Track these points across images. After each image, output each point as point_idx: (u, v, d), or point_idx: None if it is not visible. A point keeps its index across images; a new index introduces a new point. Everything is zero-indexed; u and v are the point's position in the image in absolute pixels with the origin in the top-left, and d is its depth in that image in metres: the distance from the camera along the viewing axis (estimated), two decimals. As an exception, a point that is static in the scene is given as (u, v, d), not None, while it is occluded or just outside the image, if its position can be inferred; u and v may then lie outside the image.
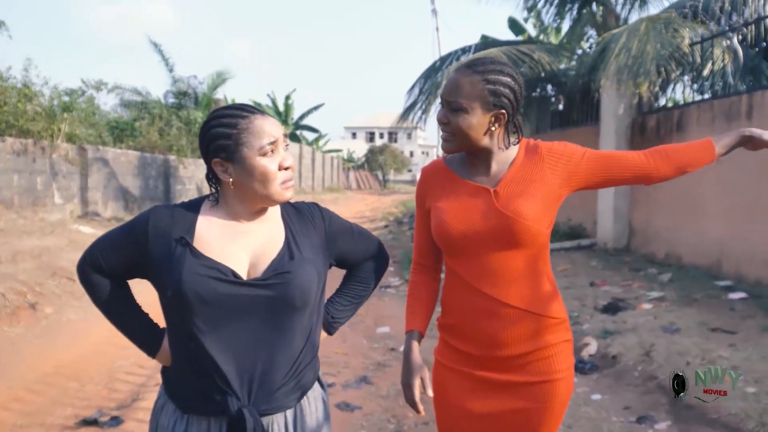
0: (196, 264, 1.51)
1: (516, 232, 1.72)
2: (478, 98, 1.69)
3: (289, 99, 37.95)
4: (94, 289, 1.64)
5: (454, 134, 1.75)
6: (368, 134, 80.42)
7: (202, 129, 1.56)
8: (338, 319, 1.84)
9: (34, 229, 9.88)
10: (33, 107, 11.08)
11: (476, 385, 1.83)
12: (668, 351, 4.47)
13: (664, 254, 8.47)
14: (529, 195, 1.74)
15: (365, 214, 23.96)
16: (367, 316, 6.88)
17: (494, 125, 1.74)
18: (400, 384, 1.81)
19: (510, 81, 1.72)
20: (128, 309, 1.68)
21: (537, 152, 1.81)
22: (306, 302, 1.57)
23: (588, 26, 11.64)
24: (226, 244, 1.57)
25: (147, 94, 20.15)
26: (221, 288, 1.50)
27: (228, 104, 1.59)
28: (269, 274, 1.55)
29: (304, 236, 1.65)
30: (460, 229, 1.76)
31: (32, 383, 4.72)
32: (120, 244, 1.60)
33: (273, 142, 1.53)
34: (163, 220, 1.57)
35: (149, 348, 1.67)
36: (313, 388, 1.68)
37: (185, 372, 1.57)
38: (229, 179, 1.54)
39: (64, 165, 11.70)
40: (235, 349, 1.53)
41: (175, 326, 1.58)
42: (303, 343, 1.61)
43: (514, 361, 1.79)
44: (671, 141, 8.35)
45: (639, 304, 6.06)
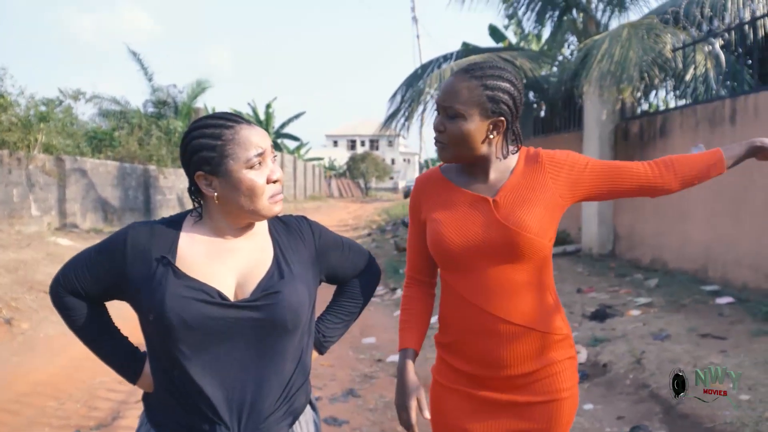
0: (179, 285, 1.41)
1: (518, 245, 1.64)
2: (476, 104, 1.61)
3: (269, 107, 37.87)
4: (69, 313, 1.54)
5: (450, 142, 1.66)
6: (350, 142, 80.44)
7: (183, 140, 1.46)
8: (329, 338, 1.74)
9: (10, 242, 9.65)
10: (8, 117, 10.86)
11: (477, 406, 1.73)
12: (659, 358, 4.42)
13: (649, 259, 8.47)
14: (531, 205, 1.66)
15: (348, 222, 23.87)
16: (353, 327, 6.75)
17: (492, 133, 1.65)
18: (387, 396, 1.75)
19: (509, 87, 1.64)
20: (106, 333, 1.58)
21: (538, 160, 1.73)
22: (297, 323, 1.48)
23: (569, 33, 11.69)
24: (211, 264, 1.47)
25: (126, 103, 19.97)
26: (207, 311, 1.41)
27: (211, 113, 1.49)
28: (258, 294, 1.45)
29: (294, 252, 1.56)
30: (459, 242, 1.67)
31: (7, 403, 4.57)
32: (96, 266, 1.49)
33: (260, 153, 1.44)
34: (142, 238, 1.47)
35: (129, 375, 1.57)
36: (305, 412, 1.60)
37: (169, 400, 1.47)
38: (214, 193, 1.44)
39: (41, 176, 11.48)
40: (222, 376, 1.43)
41: (157, 351, 1.48)
42: (294, 366, 1.53)
43: (516, 381, 1.70)
44: (655, 146, 8.38)
45: (627, 311, 6.03)
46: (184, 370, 1.42)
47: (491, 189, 1.71)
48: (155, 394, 1.52)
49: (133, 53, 20.02)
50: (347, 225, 22.18)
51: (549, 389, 1.70)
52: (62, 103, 15.84)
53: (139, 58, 19.94)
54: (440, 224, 1.70)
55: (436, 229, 1.71)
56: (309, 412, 1.62)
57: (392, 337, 6.33)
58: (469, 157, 1.68)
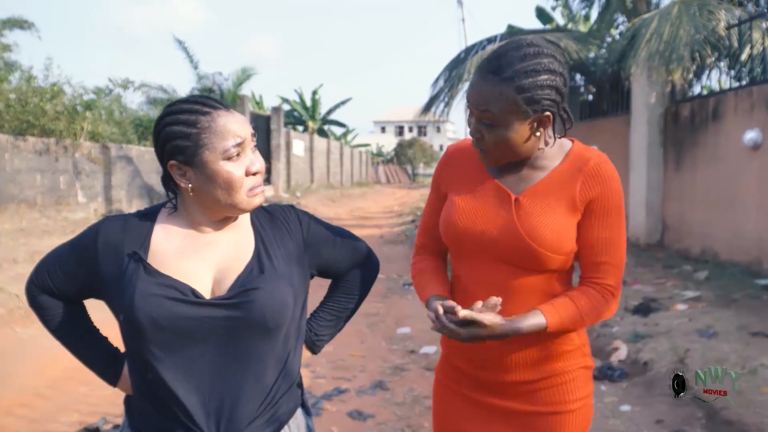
0: (150, 283, 1.31)
1: (528, 257, 1.48)
2: (513, 111, 1.41)
3: (316, 94, 37.93)
4: (44, 313, 1.46)
5: (489, 150, 1.49)
6: (397, 128, 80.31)
7: (156, 125, 1.34)
8: (322, 337, 1.62)
9: (57, 228, 9.89)
10: (54, 106, 11.10)
11: (478, 410, 1.61)
12: (704, 358, 4.16)
13: (699, 250, 8.08)
14: (554, 217, 1.48)
15: (393, 208, 23.81)
16: (388, 316, 6.69)
17: (538, 130, 1.47)
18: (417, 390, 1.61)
19: (548, 78, 1.41)
20: (84, 334, 1.49)
21: (580, 166, 1.52)
22: (280, 323, 1.36)
23: (618, 12, 11.22)
24: (186, 259, 1.36)
25: (173, 91, 20.22)
26: (179, 310, 1.30)
27: (188, 96, 1.38)
28: (235, 291, 1.34)
29: (278, 246, 1.43)
30: (469, 234, 1.53)
31: (41, 388, 4.63)
32: (68, 263, 1.41)
33: (239, 143, 1.32)
34: (114, 233, 1.37)
35: (108, 377, 1.49)
36: (295, 416, 1.48)
37: (146, 404, 1.38)
38: (188, 185, 1.33)
39: (87, 164, 11.71)
40: (198, 380, 1.33)
41: (131, 353, 1.38)
42: (279, 370, 1.40)
43: (520, 388, 1.56)
44: (706, 131, 7.97)
45: (673, 305, 5.74)
46: (157, 374, 1.32)
47: (520, 184, 1.53)
48: (134, 398, 1.43)
49: (178, 42, 20.25)
50: (392, 211, 22.13)
51: (555, 400, 1.55)
52: (112, 92, 16.19)
53: (185, 46, 20.14)
54: (455, 209, 1.56)
55: (449, 213, 1.57)
56: (300, 417, 1.51)
57: (428, 328, 6.16)
58: (513, 159, 1.51)
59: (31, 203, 10.15)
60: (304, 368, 4.83)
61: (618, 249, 1.52)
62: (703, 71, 9.51)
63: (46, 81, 11.86)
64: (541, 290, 1.52)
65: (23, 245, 8.20)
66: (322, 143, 30.57)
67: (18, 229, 9.30)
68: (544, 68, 1.41)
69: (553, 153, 1.55)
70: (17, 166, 9.86)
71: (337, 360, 5.04)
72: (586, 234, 1.51)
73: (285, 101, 36.66)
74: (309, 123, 37.51)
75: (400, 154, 55.59)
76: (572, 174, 1.51)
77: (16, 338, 5.60)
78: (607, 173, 1.51)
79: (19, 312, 6.01)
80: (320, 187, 27.52)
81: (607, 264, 1.51)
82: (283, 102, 36.20)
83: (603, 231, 1.50)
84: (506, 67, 1.41)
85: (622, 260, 1.53)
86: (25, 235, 8.92)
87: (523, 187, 1.53)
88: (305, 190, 24.32)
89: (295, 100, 37.74)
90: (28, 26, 16.12)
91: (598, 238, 1.50)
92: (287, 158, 23.62)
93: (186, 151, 1.31)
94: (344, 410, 4.04)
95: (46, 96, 11.03)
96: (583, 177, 1.50)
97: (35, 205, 10.26)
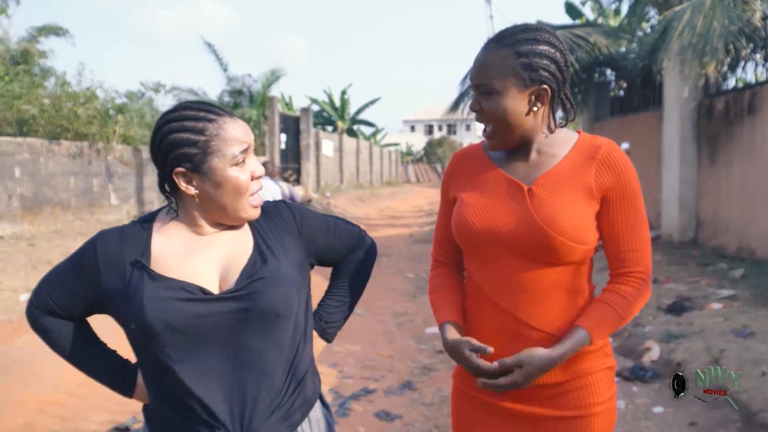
0: (156, 288, 1.31)
1: (547, 247, 1.43)
2: (511, 75, 1.42)
3: (345, 94, 38.02)
4: (48, 335, 1.45)
5: (490, 122, 1.47)
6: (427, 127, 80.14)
7: (157, 132, 1.34)
8: (332, 323, 1.64)
9: (90, 230, 10.07)
10: (86, 111, 11.32)
11: (499, 416, 1.56)
12: (740, 359, 4.04)
13: (735, 248, 7.88)
14: (571, 203, 1.44)
15: (423, 207, 23.77)
16: (417, 316, 6.67)
17: (536, 104, 1.45)
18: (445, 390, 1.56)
19: (548, 50, 1.43)
20: (92, 350, 1.48)
21: (592, 153, 1.49)
22: (289, 309, 1.38)
23: (648, 6, 11.00)
24: (189, 260, 1.36)
25: (203, 94, 20.50)
26: (190, 308, 1.31)
27: (189, 102, 1.39)
28: (243, 282, 1.35)
29: (275, 238, 1.45)
30: (482, 230, 1.49)
31: (74, 387, 4.71)
32: (69, 282, 1.40)
33: (245, 150, 1.35)
34: (112, 245, 1.37)
35: (123, 389, 1.49)
36: (314, 408, 1.49)
37: (165, 409, 1.38)
38: (194, 192, 1.34)
39: (119, 166, 11.92)
40: (216, 377, 1.33)
41: (145, 361, 1.38)
42: (289, 363, 1.41)
43: (542, 392, 1.51)
44: (742, 125, 7.77)
45: (707, 304, 5.60)
46: (175, 376, 1.32)
47: (530, 173, 1.50)
48: (152, 405, 1.44)
49: (208, 44, 20.52)
50: (422, 210, 22.09)
51: (579, 403, 1.50)
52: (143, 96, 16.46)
53: (214, 49, 20.41)
54: (466, 206, 1.52)
55: (461, 211, 1.53)
56: (319, 410, 1.52)
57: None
58: (518, 135, 1.48)
59: (65, 206, 10.37)
60: (331, 368, 4.87)
61: (641, 232, 1.50)
62: (738, 63, 9.25)
63: (80, 86, 12.11)
64: (559, 285, 1.48)
65: (57, 247, 8.37)
66: (351, 143, 30.64)
67: (53, 231, 9.50)
68: (544, 40, 1.44)
69: (559, 141, 1.52)
70: (52, 170, 10.08)
71: (365, 360, 5.04)
72: (609, 227, 1.49)
73: (314, 102, 36.83)
74: (338, 123, 37.62)
75: (430, 153, 55.51)
76: (584, 161, 1.48)
77: (50, 338, 5.71)
78: (620, 159, 1.49)
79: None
80: (350, 187, 27.59)
81: (633, 251, 1.49)
82: (312, 102, 36.36)
83: (624, 220, 1.48)
84: (507, 36, 1.45)
85: (647, 243, 1.51)
86: (59, 237, 9.11)
87: (534, 176, 1.49)
88: (335, 190, 24.40)
89: (324, 101, 37.89)
90: (63, 33, 16.50)
91: (621, 228, 1.48)
92: (317, 158, 23.73)
93: (194, 159, 1.31)
94: (372, 410, 4.03)
95: (80, 100, 11.26)
96: (596, 165, 1.47)
97: (69, 207, 10.48)
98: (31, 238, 8.75)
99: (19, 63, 13.85)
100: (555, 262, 1.46)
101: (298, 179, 20.96)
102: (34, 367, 4.99)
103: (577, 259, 1.47)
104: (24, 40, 15.64)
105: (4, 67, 10.94)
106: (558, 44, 1.45)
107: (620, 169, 1.48)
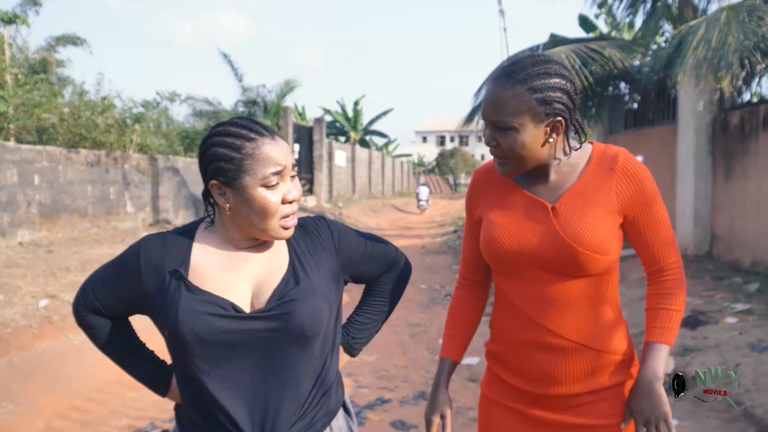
0: (192, 300, 1.37)
1: (574, 261, 1.48)
2: (527, 112, 1.44)
3: (357, 105, 38.18)
4: (93, 332, 1.53)
5: (507, 157, 1.51)
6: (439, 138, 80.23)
7: (203, 144, 1.40)
8: (359, 340, 1.68)
9: (106, 237, 10.18)
10: (105, 120, 11.46)
11: (526, 424, 1.60)
12: (756, 372, 4.04)
13: (750, 262, 7.85)
14: (594, 217, 1.49)
15: (435, 218, 23.76)
16: (431, 326, 6.69)
17: (551, 136, 1.49)
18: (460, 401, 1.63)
19: (560, 82, 1.46)
20: (131, 349, 1.56)
21: (613, 167, 1.54)
22: (317, 331, 1.41)
23: (663, 19, 11.01)
24: (224, 275, 1.42)
25: (218, 104, 20.63)
26: (221, 324, 1.36)
27: (236, 119, 1.44)
28: (273, 304, 1.39)
29: (312, 257, 1.49)
30: (511, 248, 1.53)
31: (93, 392, 4.77)
32: (112, 283, 1.47)
33: (279, 172, 1.37)
34: (155, 252, 1.43)
35: (158, 388, 1.55)
36: (337, 417, 1.53)
37: (193, 413, 1.44)
38: (226, 204, 1.39)
39: (135, 175, 12.04)
40: (242, 389, 1.39)
41: (177, 365, 1.45)
42: (316, 376, 1.46)
43: (569, 401, 1.55)
44: (758, 139, 7.76)
45: (722, 318, 5.58)
46: (203, 385, 1.38)
47: (552, 193, 1.55)
48: (183, 407, 1.50)
49: (224, 55, 20.68)
50: (434, 222, 22.09)
51: (605, 413, 1.54)
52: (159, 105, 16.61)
53: (230, 59, 20.56)
54: (494, 226, 1.57)
55: (490, 232, 1.58)
56: (342, 418, 1.56)
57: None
58: (532, 165, 1.53)
59: (82, 213, 10.49)
60: (347, 377, 4.91)
61: (666, 229, 1.57)
62: (753, 78, 9.25)
63: (98, 95, 12.26)
64: (586, 296, 1.52)
65: (75, 254, 8.46)
66: (363, 153, 30.74)
67: (70, 238, 9.61)
68: (555, 72, 1.46)
69: (575, 156, 1.57)
70: (70, 178, 10.21)
71: (380, 370, 5.06)
72: (636, 234, 1.56)
73: (327, 112, 37.01)
74: (351, 133, 37.77)
75: (442, 164, 55.52)
76: (604, 174, 1.53)
77: (69, 344, 5.78)
78: (637, 167, 1.54)
79: (72, 319, 6.20)
80: (362, 197, 27.67)
81: (662, 247, 1.56)
82: (326, 113, 36.54)
83: (649, 224, 1.55)
84: (518, 71, 1.45)
85: (673, 237, 1.58)
86: (77, 244, 9.21)
87: (557, 195, 1.54)
88: (347, 200, 24.48)
89: (337, 111, 38.06)
90: (80, 42, 16.67)
91: (648, 232, 1.55)
92: (329, 169, 23.83)
93: (228, 174, 1.36)
94: (387, 420, 4.05)
95: (98, 109, 11.39)
96: (616, 177, 1.53)
97: (86, 215, 10.60)
98: (49, 245, 8.85)
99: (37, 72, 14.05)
100: (581, 274, 1.50)
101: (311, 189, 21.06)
102: (54, 373, 5.06)
103: (602, 270, 1.51)
104: (42, 49, 15.84)
105: (23, 76, 11.09)
106: (567, 74, 1.48)
107: (639, 177, 1.53)
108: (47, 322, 5.91)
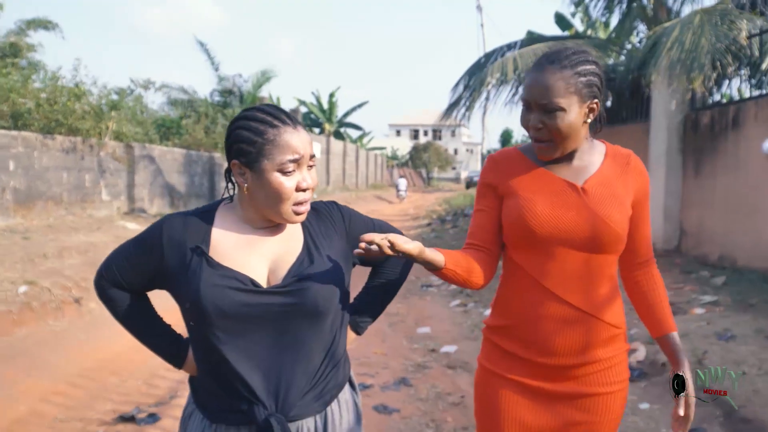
0: (213, 274, 1.46)
1: (606, 236, 1.63)
2: (575, 94, 1.59)
3: (333, 97, 38.11)
4: (113, 304, 1.61)
5: (552, 139, 1.63)
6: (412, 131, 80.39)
7: (231, 123, 1.50)
8: (365, 319, 1.78)
9: (82, 225, 10.09)
10: (82, 106, 11.32)
11: (527, 395, 1.71)
12: (723, 359, 4.23)
13: (717, 257, 8.12)
14: (618, 200, 1.67)
15: (408, 211, 23.89)
16: (408, 316, 6.81)
17: (589, 117, 1.65)
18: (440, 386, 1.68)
19: (595, 68, 1.64)
20: (150, 322, 1.65)
21: (629, 162, 1.74)
22: (329, 307, 1.52)
23: (638, 20, 11.25)
24: (243, 252, 1.51)
25: (194, 92, 20.50)
26: (240, 298, 1.45)
27: (265, 104, 1.53)
28: (289, 280, 1.49)
29: (324, 238, 1.59)
30: (548, 225, 1.64)
31: (74, 377, 4.79)
32: (135, 258, 1.55)
33: (296, 159, 1.46)
34: (177, 229, 1.52)
35: (175, 360, 1.63)
36: (343, 390, 1.63)
37: (210, 383, 1.53)
38: (245, 185, 1.48)
39: (111, 162, 11.94)
40: (258, 359, 1.48)
41: (196, 338, 1.54)
42: (326, 350, 1.56)
43: (569, 372, 1.68)
44: (726, 138, 8.01)
45: (691, 309, 5.80)
46: (222, 355, 1.46)
47: (578, 176, 1.69)
48: (199, 378, 1.58)
49: (200, 44, 20.54)
50: (407, 215, 22.20)
51: (604, 381, 1.69)
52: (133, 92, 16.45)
53: (206, 48, 20.44)
54: (531, 203, 1.66)
55: (525, 207, 1.66)
56: (348, 392, 1.66)
57: (447, 328, 6.31)
58: (570, 149, 1.67)
59: (57, 200, 10.37)
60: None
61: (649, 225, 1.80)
62: (724, 80, 9.53)
63: (74, 80, 12.10)
64: (604, 273, 1.67)
65: (52, 241, 8.39)
66: (338, 146, 30.73)
67: (46, 226, 9.52)
68: (591, 60, 1.63)
69: (592, 149, 1.73)
70: (45, 164, 10.09)
71: (361, 357, 5.16)
72: (641, 225, 1.75)
73: (302, 103, 36.88)
74: (325, 125, 37.70)
75: (415, 157, 55.66)
76: (622, 168, 1.71)
77: (49, 330, 5.77)
78: (643, 167, 1.76)
79: (51, 305, 6.18)
80: (336, 189, 27.68)
81: (648, 240, 1.79)
82: (300, 104, 36.40)
83: (644, 216, 1.76)
84: (563, 57, 1.61)
85: None
86: (53, 231, 9.13)
87: (584, 177, 1.68)
88: (321, 192, 24.48)
89: (312, 103, 37.95)
90: (52, 27, 16.35)
91: (644, 223, 1.76)
92: (304, 160, 23.74)
93: (249, 156, 1.44)
94: (370, 404, 4.15)
95: (73, 95, 11.25)
96: (631, 171, 1.72)
97: (62, 202, 10.48)
98: (25, 232, 8.76)
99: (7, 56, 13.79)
100: (607, 252, 1.65)
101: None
102: (35, 358, 5.06)
103: (621, 249, 1.68)
104: (12, 32, 15.53)
105: (-2, 60, 10.91)
106: (599, 62, 1.65)
107: (645, 176, 1.75)
108: (27, 308, 5.89)
